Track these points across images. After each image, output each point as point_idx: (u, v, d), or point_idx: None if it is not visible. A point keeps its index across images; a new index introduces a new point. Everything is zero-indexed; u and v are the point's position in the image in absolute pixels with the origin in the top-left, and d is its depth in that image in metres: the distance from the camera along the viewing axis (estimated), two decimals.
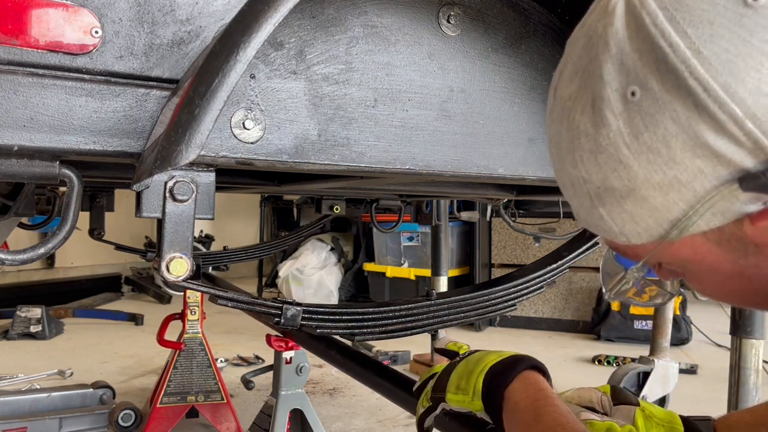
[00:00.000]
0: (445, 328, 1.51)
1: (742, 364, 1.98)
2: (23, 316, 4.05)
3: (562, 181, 0.64)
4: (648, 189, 0.54)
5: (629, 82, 0.53)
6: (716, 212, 0.53)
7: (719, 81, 0.48)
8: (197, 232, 5.98)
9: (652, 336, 2.86)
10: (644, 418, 0.89)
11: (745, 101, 0.48)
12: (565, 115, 0.59)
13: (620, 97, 0.53)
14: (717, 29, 0.49)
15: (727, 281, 0.59)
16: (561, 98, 0.60)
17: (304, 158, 0.86)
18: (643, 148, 0.53)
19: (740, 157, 0.50)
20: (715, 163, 0.51)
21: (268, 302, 1.20)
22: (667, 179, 0.53)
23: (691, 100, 0.50)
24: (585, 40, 0.57)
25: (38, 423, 2.29)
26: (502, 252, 4.70)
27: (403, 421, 2.68)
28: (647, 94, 0.52)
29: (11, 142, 0.73)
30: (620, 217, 0.58)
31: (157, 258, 0.79)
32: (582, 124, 0.57)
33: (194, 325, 2.47)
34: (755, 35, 0.48)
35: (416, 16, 0.93)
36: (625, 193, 0.56)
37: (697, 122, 0.50)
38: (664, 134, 0.52)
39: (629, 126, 0.53)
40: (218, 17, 0.82)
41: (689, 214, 0.54)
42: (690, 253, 0.58)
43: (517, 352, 0.96)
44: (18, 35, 0.72)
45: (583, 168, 0.58)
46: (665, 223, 0.55)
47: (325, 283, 5.22)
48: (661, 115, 0.51)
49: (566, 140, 0.60)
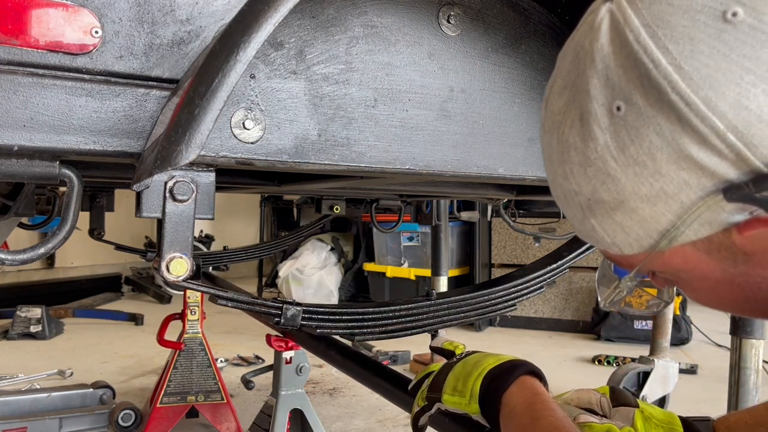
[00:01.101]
0: (445, 328, 1.51)
1: (742, 364, 1.98)
2: (23, 316, 4.05)
3: (556, 192, 0.65)
4: (636, 201, 0.55)
5: (614, 97, 0.54)
6: (703, 222, 0.54)
7: (700, 95, 0.49)
8: (197, 232, 5.98)
9: (652, 336, 2.86)
10: (643, 420, 0.89)
11: (726, 114, 0.49)
12: (555, 128, 0.61)
13: (606, 111, 0.54)
14: (697, 45, 0.50)
15: (719, 289, 0.60)
16: (551, 112, 0.61)
17: (304, 158, 0.86)
18: (629, 161, 0.54)
19: (723, 169, 0.51)
20: (700, 175, 0.52)
21: (268, 302, 1.20)
22: (654, 191, 0.54)
23: (674, 114, 0.51)
24: (573, 55, 0.59)
25: (38, 423, 2.29)
26: (502, 252, 4.70)
27: (403, 421, 2.68)
28: (632, 109, 0.53)
29: (11, 142, 0.73)
30: (611, 228, 0.59)
31: (157, 258, 0.79)
32: (571, 137, 0.58)
33: (194, 325, 2.47)
34: (734, 50, 0.49)
35: (416, 16, 0.93)
36: (614, 205, 0.57)
37: (680, 135, 0.51)
38: (649, 147, 0.53)
39: (616, 140, 0.54)
40: (218, 17, 0.82)
41: (677, 225, 0.55)
42: (681, 262, 0.59)
43: (513, 356, 0.96)
44: (18, 35, 0.72)
45: (573, 180, 0.59)
46: (655, 233, 0.56)
47: (325, 283, 5.22)
48: (645, 129, 0.52)
49: (557, 153, 0.61)
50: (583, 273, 4.48)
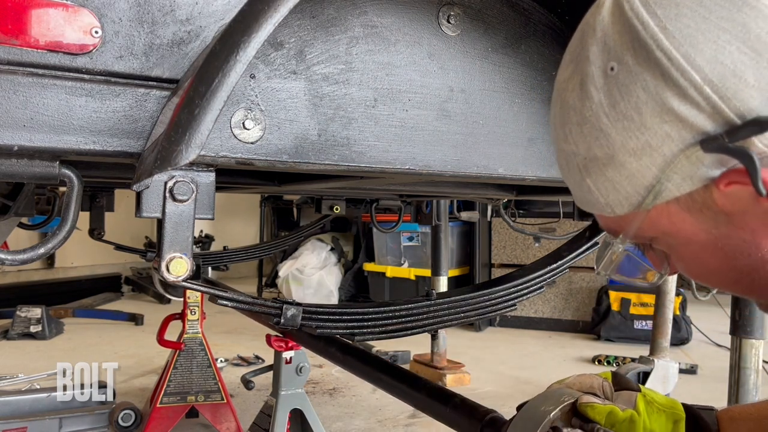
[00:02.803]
0: (445, 328, 1.51)
1: (742, 364, 1.98)
2: (23, 316, 4.05)
3: (559, 160, 0.69)
4: (624, 155, 0.60)
5: (609, 59, 0.59)
6: (685, 177, 0.58)
7: (681, 51, 0.55)
8: (197, 232, 5.98)
9: (652, 336, 2.86)
10: (645, 403, 0.90)
11: (704, 69, 0.54)
12: (559, 95, 0.66)
13: (602, 73, 0.60)
14: (681, 9, 0.56)
15: (704, 255, 0.63)
16: (558, 83, 0.67)
17: (304, 158, 0.86)
18: (619, 116, 0.59)
19: (701, 121, 0.56)
20: (680, 128, 0.57)
21: (268, 302, 1.20)
22: (640, 144, 0.59)
23: (659, 70, 0.56)
24: (580, 32, 0.65)
25: (38, 423, 2.29)
26: (502, 252, 4.70)
27: (403, 421, 2.68)
28: (623, 68, 0.58)
29: (11, 142, 0.73)
30: (604, 186, 0.63)
31: (157, 258, 0.79)
32: (571, 100, 0.64)
33: (194, 325, 2.47)
34: (713, 13, 0.55)
35: (416, 16, 0.93)
36: (606, 161, 0.62)
37: (663, 90, 0.56)
38: (636, 102, 0.58)
39: (608, 97, 0.60)
40: (218, 17, 0.82)
41: (661, 179, 0.59)
42: (667, 223, 0.62)
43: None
44: (18, 35, 0.72)
45: (572, 140, 0.64)
46: (642, 189, 0.61)
47: (325, 283, 5.22)
48: (634, 86, 0.58)
49: (559, 117, 0.67)
50: (583, 273, 4.48)
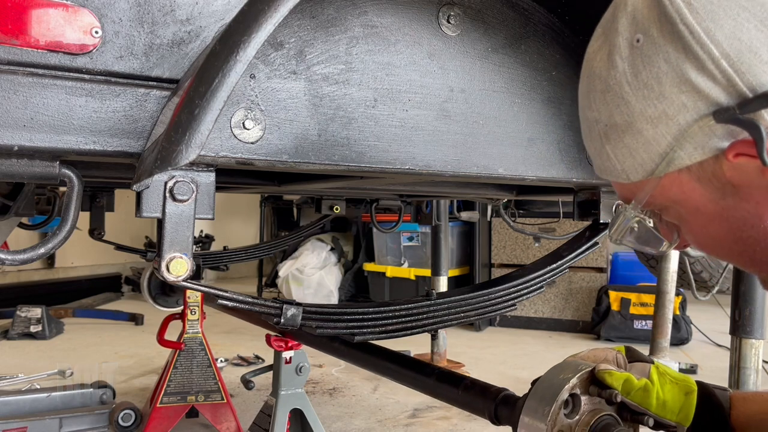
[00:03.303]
0: (445, 328, 1.51)
1: (742, 364, 1.98)
2: (23, 316, 4.05)
3: (584, 129, 0.73)
4: (642, 122, 0.64)
5: (636, 31, 0.63)
6: (697, 146, 0.61)
7: (702, 26, 0.58)
8: (197, 232, 5.98)
9: (651, 336, 2.86)
10: (659, 374, 0.94)
11: (722, 43, 0.58)
12: (588, 65, 0.70)
13: (628, 44, 0.64)
14: None
15: (711, 226, 0.66)
16: (588, 54, 0.71)
17: (304, 158, 0.86)
18: (640, 85, 0.63)
19: (716, 93, 0.59)
20: (696, 99, 0.60)
21: (268, 302, 1.20)
22: (657, 113, 0.62)
23: (681, 43, 0.60)
24: (613, 7, 0.68)
25: (38, 423, 2.29)
26: (502, 252, 4.70)
27: (403, 421, 2.68)
28: (648, 40, 0.62)
29: (11, 142, 0.73)
30: (621, 153, 0.67)
31: (157, 258, 0.79)
32: (597, 69, 0.68)
33: (194, 324, 2.47)
34: None
35: (416, 16, 0.93)
36: (624, 128, 0.65)
37: (683, 61, 0.60)
38: (657, 72, 0.61)
39: (632, 67, 0.63)
40: (218, 17, 0.82)
41: (674, 147, 0.62)
42: (678, 191, 0.65)
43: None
44: (18, 35, 0.72)
45: (595, 107, 0.68)
46: (656, 156, 0.64)
47: (325, 283, 5.22)
48: (656, 57, 0.61)
49: (585, 85, 0.70)
50: (583, 273, 4.49)
